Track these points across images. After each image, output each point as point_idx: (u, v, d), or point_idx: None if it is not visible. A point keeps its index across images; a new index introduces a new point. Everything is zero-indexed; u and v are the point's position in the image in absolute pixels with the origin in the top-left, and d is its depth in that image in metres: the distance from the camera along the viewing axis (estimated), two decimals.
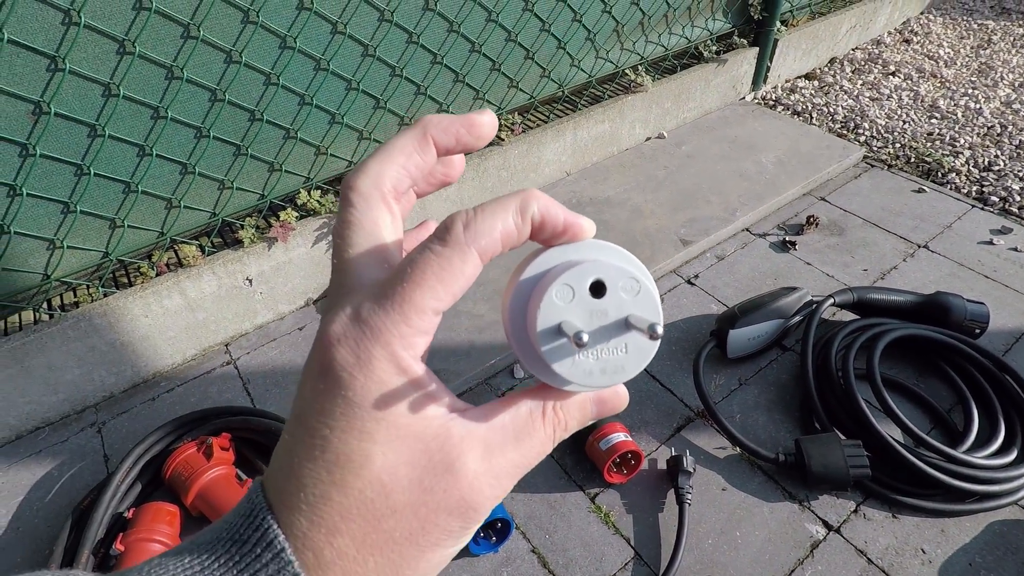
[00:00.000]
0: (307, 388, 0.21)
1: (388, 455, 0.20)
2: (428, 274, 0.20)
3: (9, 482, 1.10)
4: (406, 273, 0.20)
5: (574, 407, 0.24)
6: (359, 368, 0.20)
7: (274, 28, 1.14)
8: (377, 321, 0.20)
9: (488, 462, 0.21)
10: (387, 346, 0.20)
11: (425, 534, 0.20)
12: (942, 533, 0.97)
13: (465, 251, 0.20)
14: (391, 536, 0.20)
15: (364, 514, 0.20)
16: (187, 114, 1.14)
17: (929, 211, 1.62)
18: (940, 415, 1.11)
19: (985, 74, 2.26)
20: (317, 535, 0.19)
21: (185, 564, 0.19)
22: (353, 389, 0.20)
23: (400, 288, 0.20)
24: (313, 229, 1.35)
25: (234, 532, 0.20)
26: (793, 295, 1.24)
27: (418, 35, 1.34)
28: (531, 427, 0.22)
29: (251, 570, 0.19)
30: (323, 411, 0.20)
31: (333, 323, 0.20)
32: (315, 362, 0.21)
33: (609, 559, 0.96)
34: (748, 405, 1.17)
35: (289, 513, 0.20)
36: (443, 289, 0.20)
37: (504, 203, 0.21)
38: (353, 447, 0.20)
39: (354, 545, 0.20)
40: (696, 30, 1.94)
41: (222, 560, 0.19)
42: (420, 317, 0.20)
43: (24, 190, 1.03)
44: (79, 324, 1.14)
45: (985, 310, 1.22)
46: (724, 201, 1.64)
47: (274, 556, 0.19)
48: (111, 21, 0.98)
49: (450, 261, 0.20)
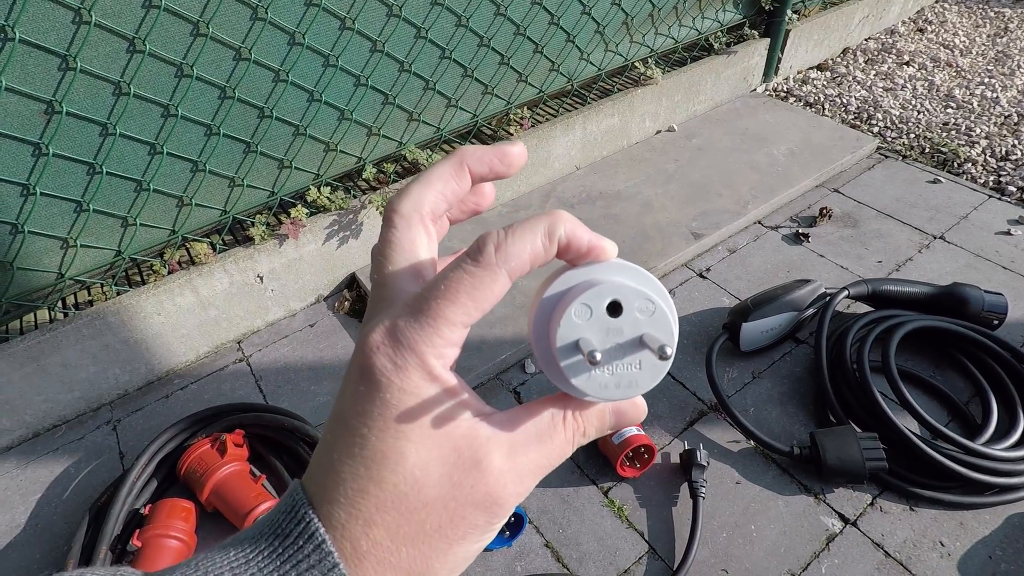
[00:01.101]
0: (348, 391, 0.23)
1: (421, 452, 0.21)
2: (461, 292, 0.22)
3: (28, 479, 1.11)
4: (440, 289, 0.22)
5: (594, 416, 0.25)
6: (395, 374, 0.21)
7: (283, 24, 1.14)
8: (412, 333, 0.22)
9: (512, 461, 0.23)
10: (420, 355, 0.21)
11: (454, 527, 0.22)
12: (961, 526, 0.95)
13: (496, 272, 0.22)
14: (422, 528, 0.21)
15: (398, 506, 0.21)
16: (197, 112, 1.14)
17: (945, 202, 1.60)
18: (958, 407, 1.10)
19: (1002, 62, 2.23)
20: (354, 526, 0.21)
21: (231, 558, 0.21)
22: (391, 392, 0.21)
23: (434, 303, 0.22)
24: (323, 226, 1.35)
25: (276, 526, 0.22)
26: (806, 287, 1.23)
27: (426, 30, 1.33)
28: (552, 431, 0.24)
29: (293, 560, 0.20)
30: (362, 412, 0.22)
31: (373, 332, 0.22)
32: (356, 367, 0.22)
33: (623, 553, 0.95)
34: (762, 398, 1.16)
35: (328, 506, 0.21)
36: (473, 306, 0.22)
37: (533, 226, 0.23)
38: (389, 444, 0.21)
39: (388, 536, 0.21)
40: (706, 22, 1.92)
41: (266, 552, 0.21)
42: (451, 330, 0.22)
43: (37, 189, 1.04)
44: (94, 323, 1.15)
45: (1003, 301, 1.20)
46: (735, 194, 1.63)
47: (315, 547, 0.21)
48: (121, 19, 0.98)
49: (481, 280, 0.22)
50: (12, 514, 1.06)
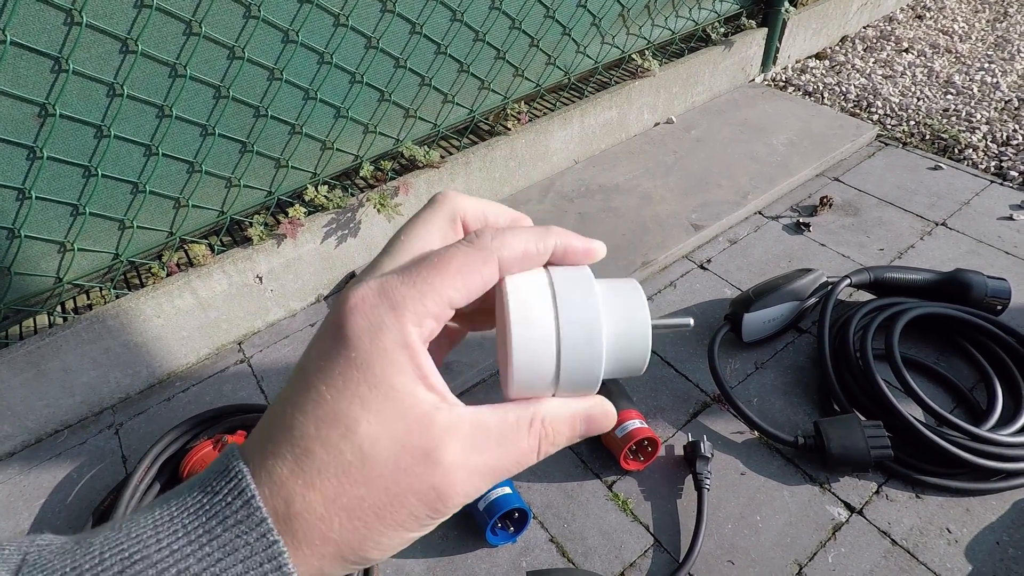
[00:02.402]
0: (316, 345, 0.22)
1: (373, 424, 0.21)
2: (451, 266, 0.22)
3: (31, 484, 1.11)
4: (432, 261, 0.22)
5: (563, 423, 0.25)
6: (368, 333, 0.21)
7: (276, 22, 1.13)
8: (396, 294, 0.21)
9: (466, 457, 0.22)
10: (399, 318, 0.21)
11: (392, 512, 0.21)
12: (967, 512, 0.95)
13: (488, 255, 0.23)
14: (360, 504, 0.20)
15: (339, 475, 0.20)
16: (192, 112, 1.13)
17: (946, 188, 1.59)
18: (963, 394, 1.09)
19: (1002, 47, 2.21)
20: (294, 484, 0.20)
21: (156, 516, 0.20)
22: (358, 351, 0.21)
23: (424, 271, 0.22)
24: (322, 225, 1.34)
25: (206, 483, 0.21)
26: (808, 277, 1.22)
27: (421, 25, 1.32)
28: (516, 434, 0.23)
29: (220, 516, 0.20)
30: (324, 368, 0.21)
31: (357, 288, 0.22)
32: (330, 322, 0.22)
33: (628, 547, 0.95)
34: (765, 389, 1.15)
35: (274, 459, 0.20)
36: (461, 282, 0.22)
37: (530, 231, 0.24)
38: (344, 408, 0.20)
39: (323, 503, 0.20)
40: (703, 12, 1.91)
41: (192, 509, 0.20)
42: (435, 300, 0.22)
43: (33, 193, 1.03)
44: (93, 326, 1.15)
45: (1006, 286, 1.19)
46: (735, 185, 1.62)
47: (244, 503, 0.20)
48: (113, 20, 0.97)
49: (473, 260, 0.22)
50: (16, 520, 1.06)
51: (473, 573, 0.93)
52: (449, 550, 0.95)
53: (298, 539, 0.20)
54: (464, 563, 0.94)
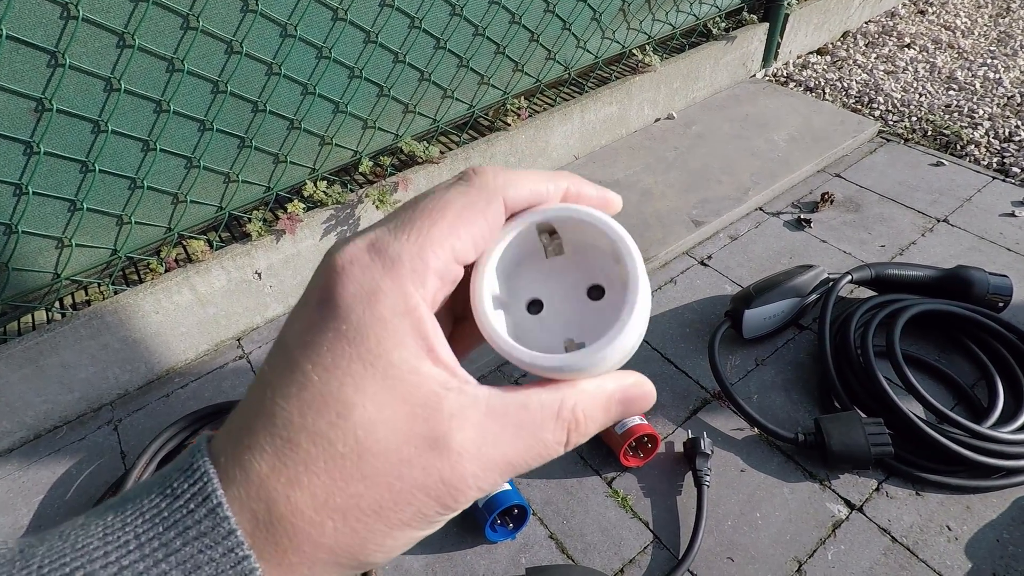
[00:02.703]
0: (298, 316, 0.19)
1: (369, 408, 0.17)
2: (449, 211, 0.19)
3: (29, 480, 1.11)
4: (427, 208, 0.19)
5: (597, 407, 0.21)
6: (362, 299, 0.18)
7: (274, 16, 1.13)
8: (389, 250, 0.18)
9: (477, 448, 0.18)
10: (397, 278, 0.18)
11: (396, 510, 0.18)
12: (968, 510, 0.94)
13: (492, 195, 0.19)
14: (357, 503, 0.17)
15: (330, 470, 0.17)
16: (190, 107, 1.13)
17: (948, 184, 1.58)
18: (964, 391, 1.09)
19: (1004, 43, 2.20)
20: (275, 483, 0.17)
21: (107, 522, 0.17)
22: (349, 322, 0.18)
23: (419, 221, 0.18)
24: (321, 220, 1.34)
25: (166, 483, 0.18)
26: (809, 273, 1.22)
27: (420, 19, 1.32)
28: (538, 425, 0.19)
29: (180, 526, 0.17)
30: (310, 344, 0.18)
31: (344, 248, 0.19)
32: (315, 289, 0.19)
33: (628, 543, 0.95)
34: (765, 385, 1.15)
35: (251, 453, 0.17)
36: (464, 229, 0.19)
37: (539, 172, 0.21)
38: (334, 390, 0.17)
39: (313, 504, 0.17)
40: (704, 7, 1.90)
41: (148, 516, 0.17)
42: (436, 254, 0.18)
43: (30, 189, 1.03)
44: (91, 322, 1.14)
45: (1008, 283, 1.18)
46: (736, 181, 1.61)
47: (209, 511, 0.17)
48: (109, 14, 0.97)
49: (474, 201, 0.19)
50: (15, 516, 1.06)
51: (472, 570, 0.93)
52: (448, 546, 0.95)
53: (282, 547, 0.17)
54: (463, 559, 0.94)
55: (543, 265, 0.23)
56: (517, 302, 0.23)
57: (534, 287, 0.23)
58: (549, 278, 0.23)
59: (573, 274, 0.23)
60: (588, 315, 0.22)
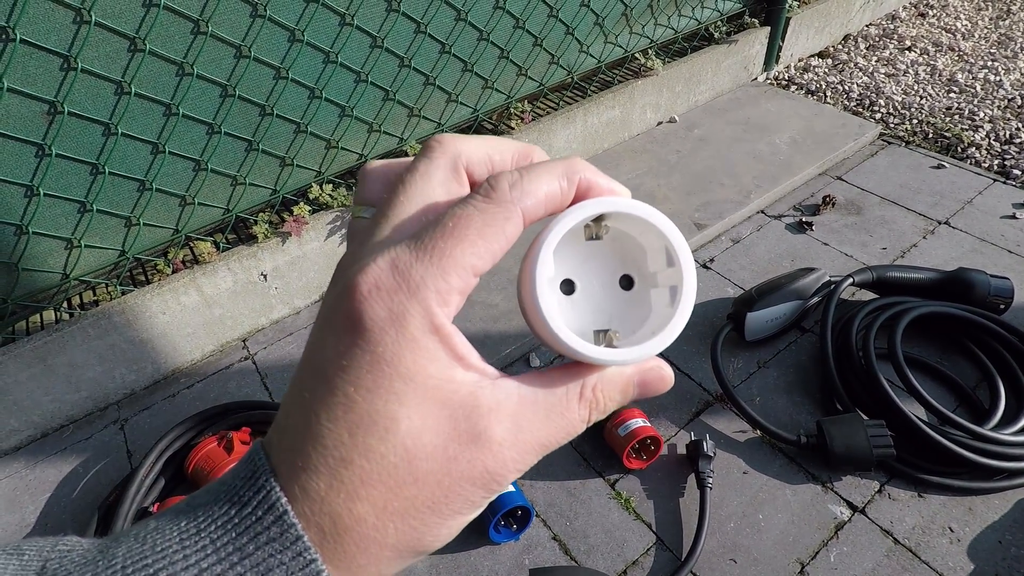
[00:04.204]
0: (329, 341, 0.20)
1: (414, 419, 0.19)
2: (471, 230, 0.19)
3: (37, 479, 1.12)
4: (447, 227, 0.19)
5: (616, 389, 0.23)
6: (392, 323, 0.19)
7: (282, 21, 1.14)
8: (413, 274, 0.19)
9: (515, 436, 0.20)
10: (423, 301, 0.19)
11: (448, 503, 0.20)
12: (970, 511, 0.95)
13: (510, 208, 0.20)
14: (412, 504, 0.19)
15: (386, 480, 0.19)
16: (198, 111, 1.14)
17: (949, 187, 1.59)
18: (965, 393, 1.09)
19: (1005, 45, 2.21)
20: (336, 499, 0.18)
21: (182, 527, 0.19)
22: (384, 345, 0.19)
23: (441, 242, 0.19)
24: (326, 223, 1.35)
25: (233, 493, 0.19)
26: (811, 276, 1.22)
27: (426, 24, 1.33)
28: (564, 407, 0.21)
29: (251, 532, 0.18)
30: (348, 368, 0.19)
31: (366, 272, 0.19)
32: (340, 314, 0.19)
33: (631, 545, 0.95)
34: (767, 388, 1.15)
35: (307, 474, 0.19)
36: (484, 246, 0.19)
37: (550, 167, 0.21)
38: (379, 408, 0.19)
39: (374, 512, 0.19)
40: (706, 11, 1.91)
41: (220, 522, 0.18)
42: (459, 274, 0.19)
43: (41, 190, 1.04)
44: (99, 322, 1.15)
45: (1009, 285, 1.19)
46: (738, 184, 1.62)
47: (276, 519, 0.18)
48: (121, 19, 0.98)
49: (494, 217, 0.19)
50: (22, 514, 1.07)
51: (476, 571, 0.94)
52: (452, 548, 0.96)
53: (350, 553, 0.19)
54: (467, 561, 0.95)
55: (581, 247, 0.24)
56: (553, 281, 0.24)
57: (570, 267, 0.24)
58: (586, 261, 0.24)
59: (610, 261, 0.24)
60: (619, 304, 0.23)
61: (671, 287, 0.22)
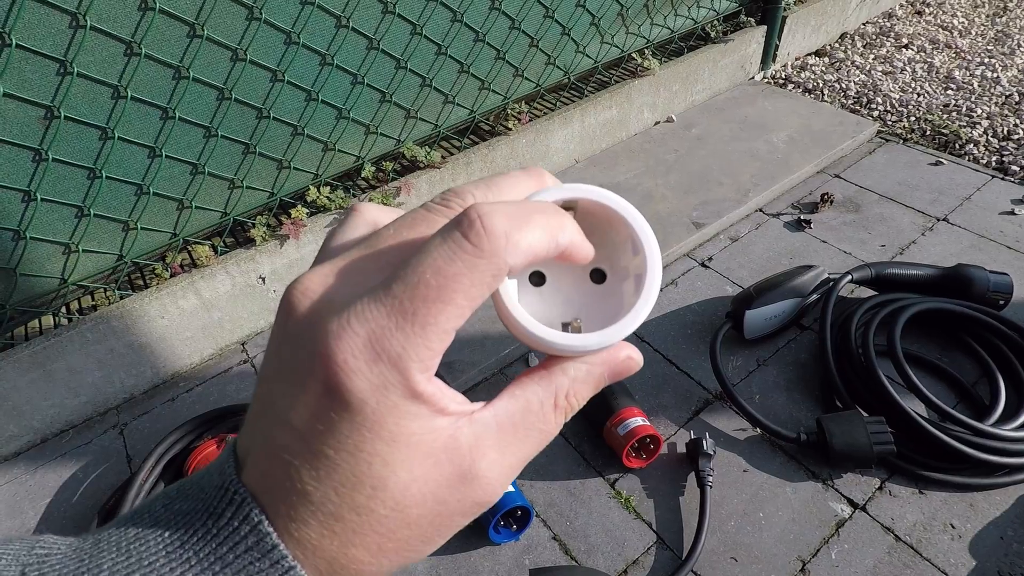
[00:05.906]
0: (300, 400, 0.19)
1: (401, 475, 0.19)
2: (457, 291, 0.18)
3: (36, 484, 1.12)
4: (429, 284, 0.18)
5: (588, 388, 0.23)
6: (372, 394, 0.18)
7: (278, 24, 1.14)
8: (393, 344, 0.18)
9: (500, 463, 0.21)
10: (404, 372, 0.18)
11: (440, 535, 0.21)
12: (971, 508, 0.95)
13: (500, 264, 0.18)
14: (407, 543, 0.20)
15: (378, 529, 0.19)
16: (195, 114, 1.14)
17: (947, 183, 1.59)
18: (965, 389, 1.09)
19: (1002, 42, 2.21)
20: (329, 546, 0.19)
21: (166, 539, 0.19)
22: (363, 414, 0.18)
23: (423, 307, 0.18)
24: (324, 225, 1.35)
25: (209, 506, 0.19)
26: (810, 273, 1.22)
27: (422, 26, 1.33)
28: (542, 422, 0.22)
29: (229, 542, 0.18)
30: (327, 432, 0.18)
31: (340, 339, 0.18)
32: (314, 379, 0.18)
33: (631, 544, 0.95)
34: (767, 386, 1.15)
35: (296, 524, 0.19)
36: (468, 306, 0.18)
37: (547, 220, 0.19)
38: (364, 469, 0.18)
39: (369, 554, 0.19)
40: (702, 10, 1.91)
41: (200, 535, 0.19)
42: (441, 340, 0.18)
43: (38, 195, 1.04)
44: (98, 327, 1.15)
45: (1008, 280, 1.19)
46: (736, 182, 1.62)
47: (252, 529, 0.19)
48: (117, 23, 0.98)
49: (483, 274, 0.18)
50: (22, 519, 1.06)
51: (476, 571, 0.93)
52: (452, 548, 0.96)
53: None
54: (467, 561, 0.95)
55: None
56: (523, 272, 0.24)
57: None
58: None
59: None
60: (589, 297, 0.23)
61: (636, 276, 0.22)
